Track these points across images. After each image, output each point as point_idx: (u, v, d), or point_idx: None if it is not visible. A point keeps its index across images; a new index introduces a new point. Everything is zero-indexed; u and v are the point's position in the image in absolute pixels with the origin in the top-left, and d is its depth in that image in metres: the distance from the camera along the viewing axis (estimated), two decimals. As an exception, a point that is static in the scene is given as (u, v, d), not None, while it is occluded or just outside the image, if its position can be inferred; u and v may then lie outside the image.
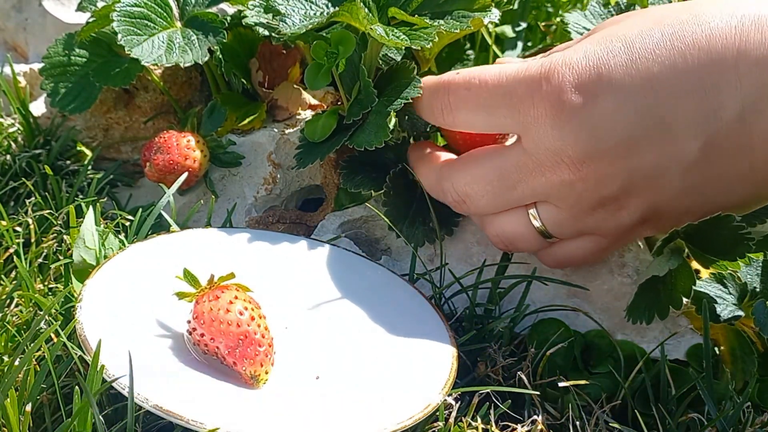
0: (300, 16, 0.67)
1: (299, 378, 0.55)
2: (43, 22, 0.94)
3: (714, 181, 0.54)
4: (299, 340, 0.59)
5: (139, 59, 0.71)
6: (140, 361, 0.50)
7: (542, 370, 0.59)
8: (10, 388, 0.49)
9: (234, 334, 0.52)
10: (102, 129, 0.85)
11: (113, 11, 0.72)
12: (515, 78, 0.56)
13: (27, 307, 0.61)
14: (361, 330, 0.60)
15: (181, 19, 0.76)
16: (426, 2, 0.69)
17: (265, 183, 0.75)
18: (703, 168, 0.53)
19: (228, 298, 0.53)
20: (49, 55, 0.81)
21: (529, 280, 0.64)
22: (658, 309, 0.59)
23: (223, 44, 0.75)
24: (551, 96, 0.54)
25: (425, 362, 0.57)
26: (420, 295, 0.63)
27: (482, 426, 0.54)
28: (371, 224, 0.73)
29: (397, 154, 0.72)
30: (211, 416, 0.47)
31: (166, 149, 0.73)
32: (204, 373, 0.53)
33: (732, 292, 0.60)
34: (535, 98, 0.55)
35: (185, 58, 0.72)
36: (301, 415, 0.51)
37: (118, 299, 0.56)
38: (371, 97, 0.68)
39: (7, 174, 0.80)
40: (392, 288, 0.64)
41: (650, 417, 0.57)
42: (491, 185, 0.59)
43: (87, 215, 0.63)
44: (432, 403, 0.52)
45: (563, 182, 0.56)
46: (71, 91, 0.80)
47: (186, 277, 0.54)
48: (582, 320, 0.64)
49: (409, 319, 0.61)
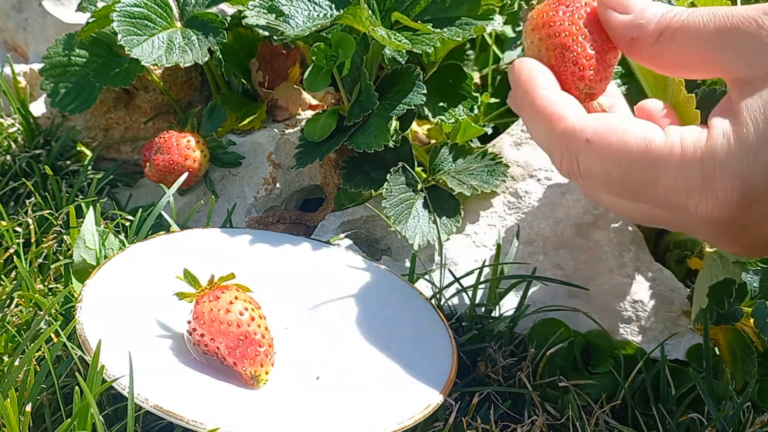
0: (303, 18, 0.67)
1: (299, 378, 0.55)
2: (43, 23, 0.94)
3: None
4: (299, 340, 0.59)
5: (139, 59, 0.71)
6: (140, 362, 0.50)
7: (542, 371, 0.59)
8: (10, 388, 0.49)
9: (234, 334, 0.52)
10: (102, 129, 0.85)
11: (113, 11, 0.72)
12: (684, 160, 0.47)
13: (27, 307, 0.61)
14: (361, 330, 0.60)
15: (181, 20, 0.76)
16: (429, 7, 0.69)
17: (265, 183, 0.75)
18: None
19: (228, 298, 0.53)
20: (49, 56, 0.81)
21: (529, 281, 0.64)
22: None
23: (223, 44, 0.75)
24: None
25: (425, 362, 0.57)
26: (420, 295, 0.63)
27: (482, 426, 0.54)
28: (371, 224, 0.73)
29: (397, 154, 0.72)
30: (211, 416, 0.47)
31: (166, 149, 0.73)
32: (204, 373, 0.53)
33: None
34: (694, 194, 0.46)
35: (185, 58, 0.72)
36: (301, 416, 0.51)
37: (118, 299, 0.56)
38: (372, 100, 0.68)
39: (7, 174, 0.80)
40: (392, 288, 0.64)
41: (650, 417, 0.57)
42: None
43: (87, 215, 0.63)
44: (432, 404, 0.52)
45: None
46: (71, 91, 0.80)
47: (186, 277, 0.54)
48: (582, 320, 0.64)
49: (409, 319, 0.61)
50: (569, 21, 0.50)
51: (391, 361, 0.57)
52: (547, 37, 0.50)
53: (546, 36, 0.50)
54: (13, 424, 0.47)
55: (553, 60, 0.50)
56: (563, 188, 0.72)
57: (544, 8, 0.51)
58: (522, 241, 0.69)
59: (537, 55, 0.51)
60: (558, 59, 0.50)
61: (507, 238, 0.69)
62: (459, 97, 0.77)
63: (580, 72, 0.50)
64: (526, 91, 0.51)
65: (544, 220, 0.70)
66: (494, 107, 0.91)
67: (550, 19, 0.50)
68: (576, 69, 0.50)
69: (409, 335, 0.59)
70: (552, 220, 0.70)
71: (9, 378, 0.51)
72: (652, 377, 0.58)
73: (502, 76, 0.95)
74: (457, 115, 0.76)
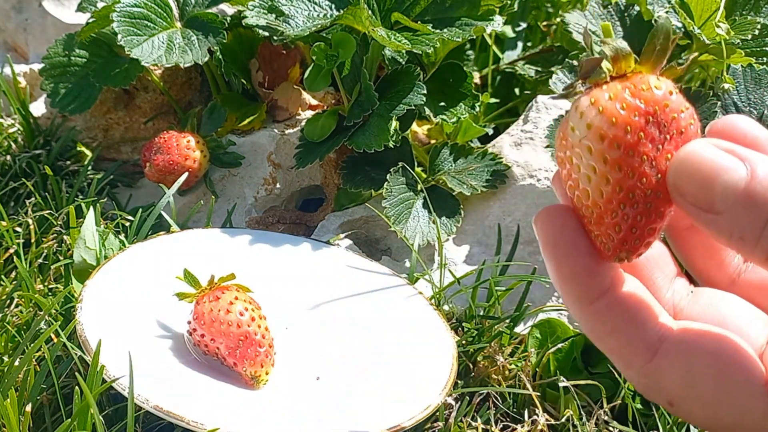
0: (303, 18, 0.67)
1: (300, 378, 0.55)
2: (43, 23, 0.94)
3: None
4: (299, 341, 0.59)
5: (138, 59, 0.71)
6: (140, 362, 0.49)
7: (542, 371, 0.59)
8: (10, 389, 0.49)
9: (234, 334, 0.52)
10: (102, 129, 0.85)
11: (113, 11, 0.72)
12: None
13: (27, 307, 0.61)
14: (362, 330, 0.60)
15: (181, 20, 0.76)
16: (429, 8, 0.69)
17: (265, 183, 0.75)
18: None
19: (228, 298, 0.53)
20: (49, 56, 0.81)
21: (529, 281, 0.64)
22: None
23: (223, 45, 0.75)
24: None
25: (426, 363, 0.57)
26: (420, 295, 0.63)
27: (482, 426, 0.54)
28: (371, 224, 0.73)
29: (397, 154, 0.72)
30: (211, 417, 0.47)
31: (166, 150, 0.73)
32: (204, 373, 0.53)
33: None
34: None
35: (185, 58, 0.72)
36: (301, 416, 0.51)
37: (118, 300, 0.56)
38: (372, 100, 0.68)
39: (7, 174, 0.80)
40: (393, 288, 0.64)
41: (650, 417, 0.57)
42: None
43: (87, 216, 0.63)
44: (432, 404, 0.52)
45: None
46: (71, 91, 0.80)
47: (186, 277, 0.54)
48: (582, 320, 0.64)
49: (409, 319, 0.61)
50: (653, 161, 0.31)
51: (391, 361, 0.57)
52: (615, 169, 0.31)
53: (615, 167, 0.31)
54: (13, 424, 0.47)
55: (601, 203, 0.33)
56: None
57: (624, 115, 0.31)
58: (522, 241, 0.69)
59: (580, 176, 0.33)
60: (612, 208, 0.32)
61: (507, 239, 0.69)
62: (460, 96, 0.77)
63: (634, 237, 0.33)
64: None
65: (544, 220, 0.70)
66: (494, 107, 0.91)
67: (633, 144, 0.31)
68: (629, 233, 0.33)
69: (410, 336, 0.59)
70: (552, 220, 0.70)
71: (9, 378, 0.51)
72: (652, 377, 0.58)
73: (502, 76, 0.95)
74: (459, 113, 0.76)
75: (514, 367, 0.60)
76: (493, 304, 0.64)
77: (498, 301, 0.64)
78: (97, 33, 0.79)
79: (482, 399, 0.56)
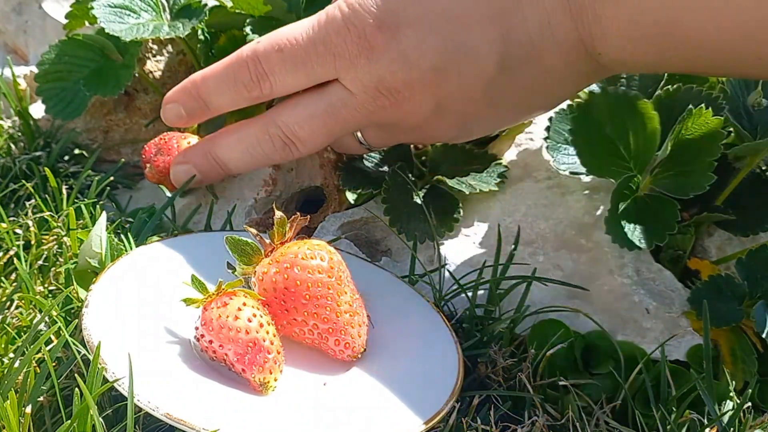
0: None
1: (307, 385, 0.55)
2: (43, 25, 0.95)
3: (513, 92, 0.62)
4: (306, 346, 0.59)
5: (119, 36, 0.72)
6: (147, 368, 0.49)
7: (542, 371, 0.59)
8: (10, 390, 0.49)
9: (243, 341, 0.52)
10: (102, 131, 0.86)
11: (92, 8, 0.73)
12: (323, 28, 0.61)
13: (27, 309, 0.61)
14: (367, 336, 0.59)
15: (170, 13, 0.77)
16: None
17: (264, 185, 0.75)
18: (501, 82, 0.61)
19: (236, 304, 0.52)
20: (42, 62, 0.81)
21: (529, 281, 0.64)
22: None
23: (218, 47, 0.75)
24: (360, 38, 0.60)
25: (432, 368, 0.56)
26: (422, 298, 0.63)
27: (482, 427, 0.54)
28: (371, 225, 0.73)
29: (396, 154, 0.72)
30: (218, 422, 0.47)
31: (167, 151, 0.73)
32: (212, 379, 0.52)
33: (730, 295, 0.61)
34: (347, 42, 0.60)
35: (163, 32, 0.74)
36: (309, 423, 0.51)
37: (124, 304, 0.56)
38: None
39: (7, 176, 0.80)
40: (394, 291, 0.64)
41: (650, 417, 0.57)
42: (324, 125, 0.64)
43: (99, 219, 0.63)
44: (442, 412, 0.52)
45: (385, 110, 0.63)
46: (64, 97, 0.80)
47: (193, 282, 0.54)
48: (582, 321, 0.64)
49: (413, 323, 0.61)
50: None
51: (397, 366, 0.57)
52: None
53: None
54: (13, 425, 0.47)
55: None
56: (563, 189, 0.72)
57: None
58: (522, 241, 0.69)
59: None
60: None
61: (507, 239, 0.69)
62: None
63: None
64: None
65: (544, 220, 0.70)
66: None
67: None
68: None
69: (414, 340, 0.59)
70: (552, 220, 0.70)
71: (9, 380, 0.51)
72: (653, 378, 0.58)
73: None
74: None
75: (514, 367, 0.60)
76: (493, 305, 0.64)
77: (498, 302, 0.64)
78: (89, 37, 0.79)
79: (482, 400, 0.56)
